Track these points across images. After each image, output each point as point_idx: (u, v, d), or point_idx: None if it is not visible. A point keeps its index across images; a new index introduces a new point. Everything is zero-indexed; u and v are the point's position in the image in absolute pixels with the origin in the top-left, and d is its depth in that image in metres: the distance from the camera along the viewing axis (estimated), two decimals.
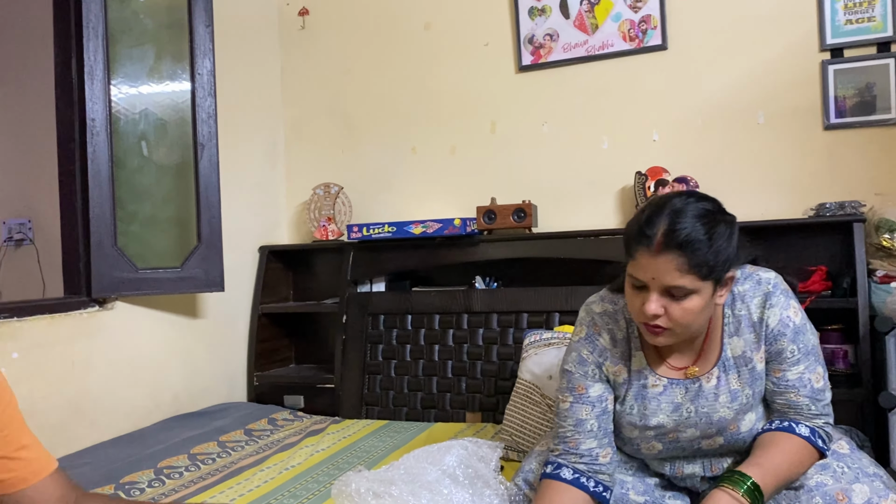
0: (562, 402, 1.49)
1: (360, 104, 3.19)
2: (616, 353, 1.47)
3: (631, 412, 1.46)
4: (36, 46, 2.96)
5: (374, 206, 3.14)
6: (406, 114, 3.10)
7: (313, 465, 2.13)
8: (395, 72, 3.12)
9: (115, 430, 2.38)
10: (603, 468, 1.44)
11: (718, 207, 1.34)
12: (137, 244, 2.46)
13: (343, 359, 2.86)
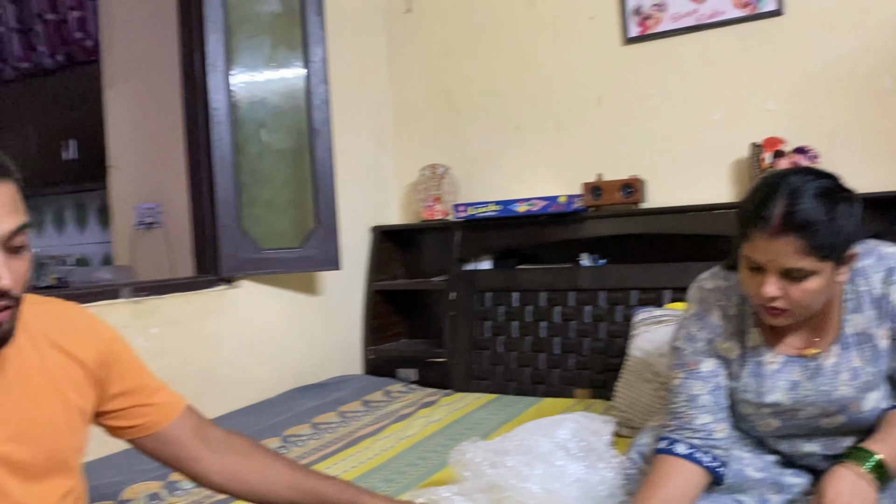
0: (674, 379, 1.49)
1: (465, 85, 3.23)
2: (728, 329, 1.45)
3: (746, 389, 1.44)
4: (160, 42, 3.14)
5: (479, 185, 3.18)
6: (510, 92, 3.12)
7: (428, 435, 2.21)
8: (498, 51, 3.14)
9: (244, 401, 2.54)
10: (719, 443, 1.43)
11: (838, 184, 1.28)
12: (260, 226, 2.60)
13: (452, 334, 2.93)
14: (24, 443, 1.00)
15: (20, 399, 1.01)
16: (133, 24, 3.32)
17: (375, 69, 3.35)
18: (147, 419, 1.17)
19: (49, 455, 1.03)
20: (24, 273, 0.92)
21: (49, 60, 4.02)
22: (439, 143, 3.29)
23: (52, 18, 3.97)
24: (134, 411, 1.16)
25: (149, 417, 1.17)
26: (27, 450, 1.00)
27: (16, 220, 0.90)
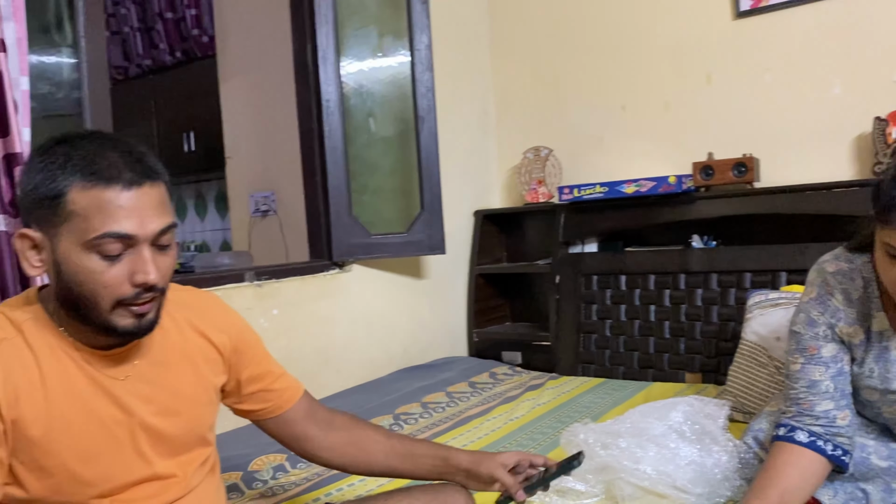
0: (792, 364, 1.45)
1: (568, 65, 3.20)
2: (851, 313, 1.40)
3: (871, 375, 1.39)
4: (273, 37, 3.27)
5: (583, 166, 3.15)
6: (615, 71, 3.07)
7: (536, 417, 2.24)
8: (602, 30, 3.09)
9: (356, 379, 2.64)
10: (842, 430, 1.39)
11: None
12: (369, 213, 2.68)
13: (557, 318, 2.93)
14: (169, 417, 1.09)
15: (165, 377, 1.10)
16: (246, 20, 3.46)
17: (478, 53, 3.37)
18: (270, 404, 1.26)
19: (190, 428, 1.13)
20: (169, 268, 1.01)
21: (168, 57, 4.26)
22: (542, 125, 3.28)
23: (171, 17, 4.19)
24: (259, 395, 1.25)
25: (272, 402, 1.26)
26: (172, 423, 1.10)
27: (164, 221, 0.97)
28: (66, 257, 0.94)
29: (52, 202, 0.93)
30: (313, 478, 1.74)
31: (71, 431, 0.99)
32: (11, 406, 0.95)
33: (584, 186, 2.84)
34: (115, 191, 0.93)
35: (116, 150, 0.96)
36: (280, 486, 1.71)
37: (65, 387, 1.00)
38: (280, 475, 1.77)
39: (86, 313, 0.97)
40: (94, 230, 0.92)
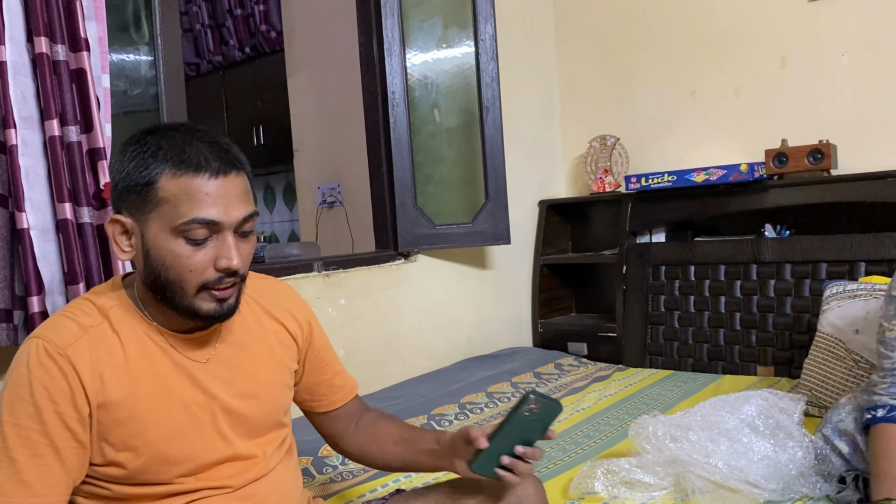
0: (889, 331, 1.37)
1: (634, 52, 3.14)
2: None
3: None
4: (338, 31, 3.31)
5: (651, 155, 3.10)
6: (683, 57, 3.00)
7: (603, 408, 2.22)
8: (670, 14, 3.02)
9: (421, 369, 2.67)
10: None
11: None
12: (433, 203, 2.70)
13: (624, 309, 2.89)
14: (248, 399, 1.13)
15: (244, 361, 1.14)
16: (313, 15, 3.52)
17: (543, 41, 3.35)
18: (326, 399, 1.30)
19: (267, 411, 1.16)
20: (249, 255, 1.05)
21: (238, 53, 4.36)
22: (608, 113, 3.23)
23: (240, 13, 4.29)
24: (317, 389, 1.29)
25: (327, 399, 1.30)
26: (250, 405, 1.13)
27: (246, 209, 1.01)
28: (155, 242, 0.99)
29: (143, 189, 0.98)
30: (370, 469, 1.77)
31: (156, 413, 1.04)
32: (97, 391, 1.00)
33: (651, 175, 2.79)
34: (202, 179, 0.97)
35: (204, 141, 1.00)
36: (349, 472, 1.74)
37: (149, 370, 1.04)
38: (349, 461, 1.80)
39: (171, 297, 1.01)
40: (182, 216, 0.97)
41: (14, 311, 1.52)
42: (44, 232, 1.52)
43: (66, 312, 1.04)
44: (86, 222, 1.55)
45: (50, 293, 1.51)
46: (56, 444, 0.97)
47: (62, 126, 1.53)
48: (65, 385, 0.97)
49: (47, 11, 1.52)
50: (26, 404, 0.96)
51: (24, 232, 1.48)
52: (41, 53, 1.50)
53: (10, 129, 1.47)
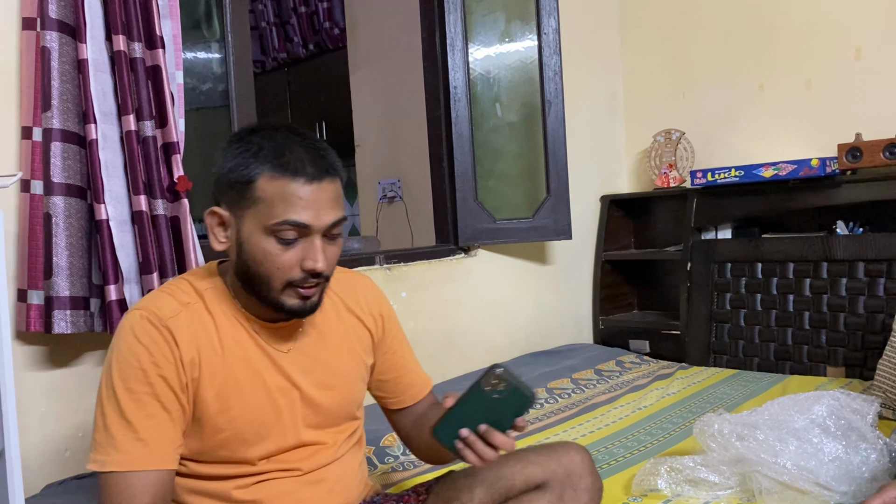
0: None
1: (701, 44, 3.08)
2: None
3: None
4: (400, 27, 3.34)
5: (717, 149, 3.03)
6: (752, 49, 2.92)
7: (665, 406, 2.18)
8: (738, 4, 2.95)
9: (479, 363, 2.67)
10: None
11: None
12: (494, 198, 2.70)
13: (688, 306, 2.84)
14: (325, 390, 1.17)
15: (322, 353, 1.18)
16: (375, 11, 3.56)
17: (606, 34, 3.31)
18: (398, 397, 1.31)
19: (342, 402, 1.20)
20: (335, 257, 1.09)
21: (302, 50, 4.43)
22: (673, 107, 3.17)
23: (305, 11, 4.36)
24: (390, 385, 1.30)
25: (399, 396, 1.31)
26: (327, 396, 1.17)
27: (336, 214, 1.06)
28: (249, 237, 1.04)
29: (242, 186, 1.03)
30: None
31: (241, 393, 1.09)
32: (194, 364, 1.06)
33: (718, 170, 2.73)
34: (298, 183, 1.02)
35: (303, 145, 1.05)
36: (410, 462, 1.76)
37: (238, 352, 1.10)
38: (401, 455, 1.82)
39: (259, 289, 1.06)
40: (275, 216, 1.02)
41: (91, 299, 1.58)
42: (121, 223, 1.58)
43: (164, 289, 1.11)
44: (160, 214, 1.60)
45: (127, 282, 1.57)
46: (165, 404, 1.03)
47: (138, 121, 1.59)
48: (168, 352, 1.03)
49: (125, 11, 1.57)
50: (134, 369, 1.02)
51: (103, 223, 1.53)
52: (119, 51, 1.56)
53: (90, 124, 1.53)
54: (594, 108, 3.22)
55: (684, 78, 3.14)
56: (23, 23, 1.53)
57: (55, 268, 1.50)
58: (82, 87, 1.53)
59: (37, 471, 1.58)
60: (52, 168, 1.50)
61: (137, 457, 1.01)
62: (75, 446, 1.67)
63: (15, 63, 1.56)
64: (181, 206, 1.63)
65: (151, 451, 1.01)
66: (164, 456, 1.03)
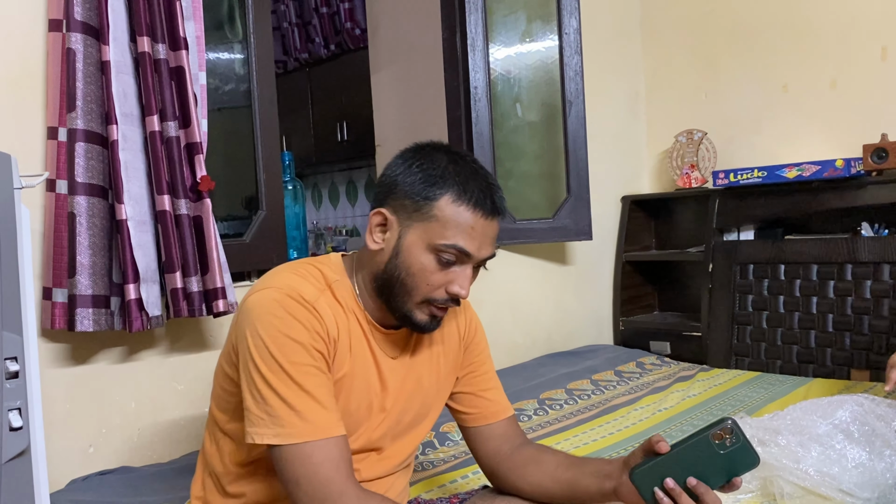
0: None
1: (724, 44, 3.05)
2: None
3: None
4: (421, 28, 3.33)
5: (740, 150, 3.00)
6: (776, 49, 2.89)
7: (686, 409, 2.17)
8: (762, 4, 2.92)
9: (499, 363, 2.65)
10: None
11: None
12: (514, 198, 2.69)
13: (710, 308, 2.82)
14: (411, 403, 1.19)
15: (421, 368, 1.20)
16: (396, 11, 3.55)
17: (628, 33, 3.29)
18: (475, 412, 1.27)
19: (419, 418, 1.21)
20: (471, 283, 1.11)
21: (324, 50, 4.45)
22: (695, 107, 3.15)
23: (326, 11, 4.38)
24: (466, 399, 1.27)
25: (477, 411, 1.27)
26: (410, 409, 1.19)
27: (492, 250, 1.10)
28: (410, 247, 1.06)
29: (422, 201, 1.06)
30: (461, 455, 1.79)
31: (346, 387, 1.10)
32: (334, 345, 1.08)
33: (740, 171, 2.71)
34: (476, 214, 1.05)
35: (485, 181, 1.08)
36: (429, 462, 1.76)
37: (355, 346, 1.12)
38: (429, 451, 1.83)
39: (395, 297, 1.09)
40: (445, 238, 1.04)
41: (111, 298, 1.60)
42: (140, 223, 1.60)
43: (296, 272, 1.11)
44: (183, 214, 1.62)
45: (144, 281, 1.58)
46: (327, 375, 1.05)
47: (162, 121, 1.61)
48: (319, 328, 1.05)
49: (150, 12, 1.59)
50: (294, 344, 1.03)
51: (123, 223, 1.55)
52: (144, 52, 1.58)
53: (111, 125, 1.55)
54: (615, 107, 3.20)
55: (707, 78, 3.11)
56: (49, 24, 1.56)
57: (78, 266, 1.52)
58: (105, 88, 1.55)
59: (61, 466, 1.60)
60: (76, 168, 1.52)
61: (325, 424, 1.01)
62: (98, 442, 1.69)
63: (42, 64, 1.58)
64: (204, 206, 1.65)
65: (335, 417, 1.03)
66: (339, 421, 1.04)
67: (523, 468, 1.22)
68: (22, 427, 1.06)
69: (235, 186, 2.06)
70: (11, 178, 1.08)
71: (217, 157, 1.83)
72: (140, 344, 1.76)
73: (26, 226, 1.10)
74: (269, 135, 2.03)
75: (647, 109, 3.33)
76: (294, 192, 2.32)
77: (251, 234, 1.98)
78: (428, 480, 1.65)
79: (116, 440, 1.72)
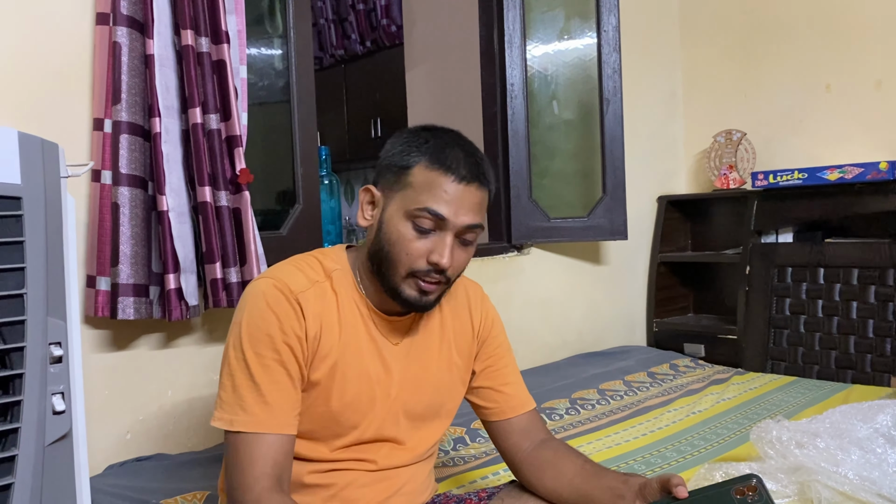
0: None
1: (764, 43, 3.01)
2: None
3: None
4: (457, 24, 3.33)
5: (780, 151, 2.95)
6: (818, 48, 2.84)
7: (720, 412, 2.14)
8: (804, 1, 2.87)
9: (530, 362, 2.66)
10: None
11: None
12: (548, 196, 2.69)
13: (746, 311, 2.78)
14: (420, 390, 1.19)
15: (426, 355, 1.20)
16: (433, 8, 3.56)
17: (667, 32, 3.26)
18: (495, 406, 1.26)
19: (432, 405, 1.21)
20: (463, 263, 1.11)
21: (359, 47, 4.47)
22: (734, 107, 3.11)
23: (363, 8, 4.40)
24: (486, 393, 1.27)
25: (496, 406, 1.26)
26: (421, 397, 1.19)
27: (473, 219, 1.08)
28: (390, 218, 1.09)
29: (399, 170, 1.09)
30: (491, 452, 1.79)
31: (345, 379, 1.11)
32: (315, 341, 1.09)
33: (780, 172, 2.67)
34: (448, 179, 1.06)
35: (464, 150, 1.09)
36: (460, 458, 1.76)
37: (352, 336, 1.12)
38: (460, 447, 1.83)
39: (384, 272, 1.10)
40: (418, 203, 1.06)
41: (150, 287, 1.62)
42: (180, 214, 1.62)
43: (294, 263, 1.14)
44: (223, 205, 1.64)
45: (184, 271, 1.61)
46: (290, 372, 1.07)
47: (204, 114, 1.63)
48: (296, 323, 1.07)
49: (193, 6, 1.61)
50: (263, 335, 1.05)
51: (164, 214, 1.58)
52: (187, 45, 1.60)
53: (154, 118, 1.57)
54: (652, 106, 3.17)
55: (746, 77, 3.07)
56: (97, 18, 1.59)
57: (121, 256, 1.55)
58: (148, 81, 1.57)
59: (99, 451, 1.64)
60: (120, 159, 1.55)
61: (263, 419, 1.03)
62: (136, 429, 1.72)
63: (89, 57, 1.62)
64: (243, 198, 1.67)
65: (276, 416, 1.04)
66: (286, 421, 1.05)
67: (541, 471, 1.21)
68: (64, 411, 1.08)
69: (272, 180, 2.08)
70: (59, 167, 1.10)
71: (255, 150, 1.85)
72: (178, 333, 1.78)
73: (72, 214, 1.12)
74: (307, 130, 2.04)
75: (684, 109, 3.29)
76: (330, 186, 2.33)
77: (287, 227, 2.00)
78: (458, 476, 1.66)
79: (153, 427, 1.75)
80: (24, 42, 1.54)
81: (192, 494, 1.48)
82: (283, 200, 2.08)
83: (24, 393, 1.02)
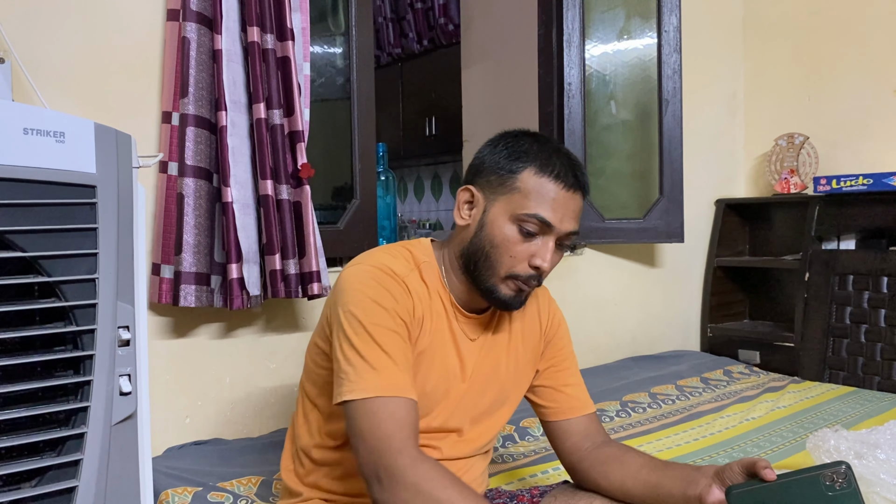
0: None
1: (830, 45, 2.93)
2: None
3: None
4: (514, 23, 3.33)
5: (844, 156, 2.88)
6: (886, 51, 2.76)
7: (775, 420, 2.10)
8: (872, 4, 2.79)
9: (581, 363, 2.58)
10: None
11: None
12: (604, 197, 2.67)
13: (804, 318, 2.72)
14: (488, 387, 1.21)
15: (500, 354, 1.23)
16: (490, 7, 3.57)
17: (729, 32, 3.20)
18: (555, 406, 1.27)
19: (495, 400, 1.23)
20: (555, 264, 1.13)
21: (416, 46, 4.50)
22: (797, 110, 3.04)
23: (421, 7, 4.43)
24: (547, 393, 1.28)
25: (556, 405, 1.27)
26: (487, 393, 1.21)
27: (574, 225, 1.12)
28: (494, 220, 1.11)
29: (506, 175, 1.11)
30: (541, 451, 1.79)
31: (424, 366, 1.14)
32: (419, 320, 1.12)
33: (844, 177, 2.60)
34: (557, 186, 1.08)
35: (568, 158, 1.12)
36: (509, 455, 1.77)
37: (437, 327, 1.15)
38: (509, 444, 1.83)
39: (481, 272, 1.12)
40: (527, 208, 1.08)
41: (212, 276, 1.67)
42: (244, 206, 1.66)
43: (388, 252, 1.17)
44: (284, 199, 1.68)
45: (246, 262, 1.65)
46: (406, 342, 1.09)
47: (268, 109, 1.67)
48: (407, 300, 1.10)
49: (260, 3, 1.65)
50: (379, 308, 1.07)
51: (229, 205, 1.62)
52: (253, 42, 1.64)
53: (221, 112, 1.61)
54: (712, 108, 3.12)
55: (810, 79, 3.00)
56: (167, 14, 1.64)
57: (184, 245, 1.60)
58: (216, 76, 1.62)
59: (159, 434, 1.69)
60: (186, 151, 1.60)
61: (396, 383, 1.02)
62: (195, 414, 1.78)
63: (159, 52, 1.67)
64: (303, 192, 1.70)
65: (407, 379, 1.04)
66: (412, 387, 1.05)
67: (605, 466, 1.20)
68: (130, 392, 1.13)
69: (331, 175, 2.12)
70: (131, 158, 1.15)
71: (315, 146, 1.89)
72: (237, 322, 1.83)
73: (142, 203, 1.16)
74: (366, 127, 2.08)
75: (745, 111, 3.23)
76: (386, 182, 2.36)
77: (345, 222, 2.03)
78: (508, 473, 1.66)
79: (211, 412, 1.81)
80: (100, 37, 1.60)
81: (247, 479, 1.52)
82: (341, 195, 2.11)
83: (94, 374, 1.06)
